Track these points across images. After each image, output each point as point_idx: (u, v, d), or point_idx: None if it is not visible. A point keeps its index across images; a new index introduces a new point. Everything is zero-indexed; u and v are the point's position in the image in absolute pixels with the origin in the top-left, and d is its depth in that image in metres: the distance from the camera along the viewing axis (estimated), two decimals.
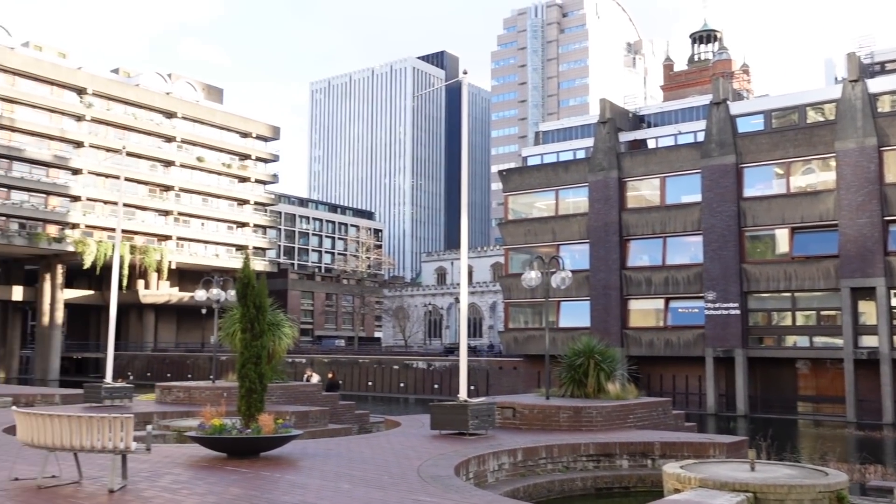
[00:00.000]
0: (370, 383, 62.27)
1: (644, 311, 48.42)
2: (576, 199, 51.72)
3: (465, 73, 15.78)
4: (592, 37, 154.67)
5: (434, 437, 14.08)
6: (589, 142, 52.64)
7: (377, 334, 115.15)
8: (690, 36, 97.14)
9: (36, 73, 77.06)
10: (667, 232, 47.42)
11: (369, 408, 29.16)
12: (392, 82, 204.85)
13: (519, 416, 15.66)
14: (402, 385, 60.65)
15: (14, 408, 10.22)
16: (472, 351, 64.89)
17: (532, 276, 18.83)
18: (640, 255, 48.74)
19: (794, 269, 42.63)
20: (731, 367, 44.12)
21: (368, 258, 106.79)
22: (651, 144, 51.51)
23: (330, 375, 39.24)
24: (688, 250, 46.96)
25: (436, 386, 58.00)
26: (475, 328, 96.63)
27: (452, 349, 69.65)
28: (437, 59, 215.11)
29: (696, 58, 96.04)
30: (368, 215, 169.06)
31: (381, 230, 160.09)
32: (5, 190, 74.91)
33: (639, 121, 54.61)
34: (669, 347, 46.39)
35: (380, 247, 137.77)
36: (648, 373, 45.06)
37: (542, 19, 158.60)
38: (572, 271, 21.33)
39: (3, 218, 74.78)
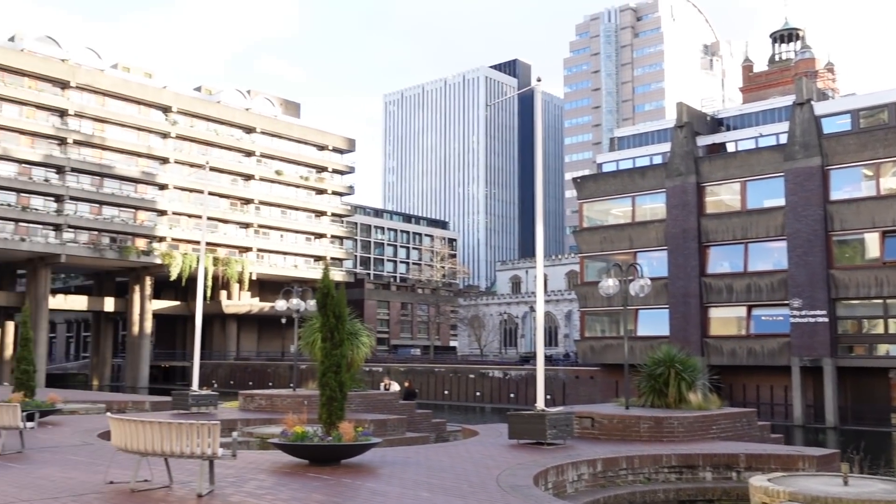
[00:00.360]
0: (446, 392, 62.43)
1: (725, 319, 47.13)
2: (653, 206, 50.81)
3: (538, 80, 15.71)
4: (668, 40, 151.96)
5: (512, 446, 14.02)
6: (665, 147, 51.66)
7: (452, 343, 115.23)
8: (771, 35, 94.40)
9: (124, 93, 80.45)
10: (748, 238, 46.09)
11: (446, 417, 29.23)
12: (465, 92, 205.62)
13: (598, 425, 15.45)
14: (478, 394, 60.59)
15: (108, 414, 10.67)
16: (548, 360, 64.34)
17: (609, 284, 18.57)
18: (721, 261, 47.51)
19: (885, 274, 40.81)
20: (819, 376, 42.47)
21: (443, 267, 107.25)
22: (731, 148, 50.21)
23: (406, 384, 39.53)
24: (771, 256, 45.52)
25: (512, 395, 57.72)
26: (551, 337, 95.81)
27: (528, 358, 69.21)
28: (510, 67, 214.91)
29: (776, 58, 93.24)
30: (442, 225, 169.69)
31: (455, 239, 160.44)
32: (97, 205, 78.33)
33: (717, 124, 53.33)
34: (753, 356, 45.01)
35: (454, 256, 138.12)
36: (731, 383, 43.81)
37: (616, 24, 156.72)
38: (650, 279, 20.96)
39: (96, 232, 78.16)
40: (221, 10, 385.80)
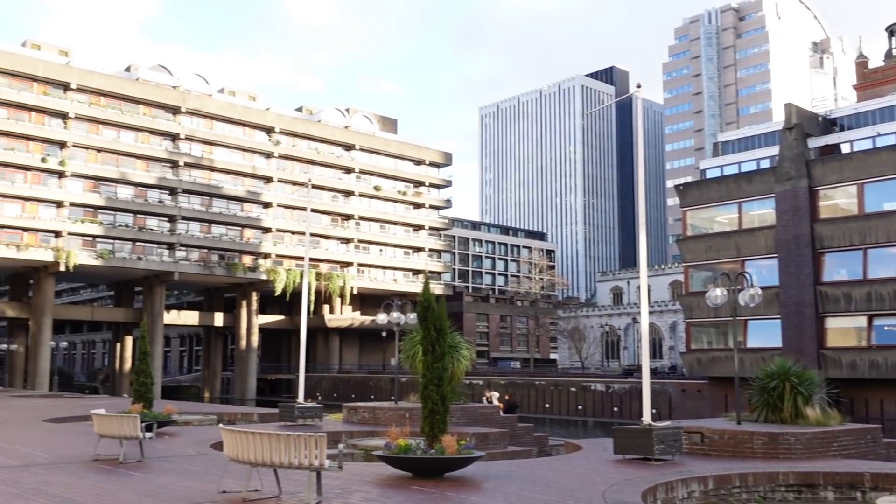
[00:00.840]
0: (547, 405, 61.79)
1: (844, 329, 44.78)
2: (761, 212, 48.92)
3: (638, 86, 15.42)
4: (773, 39, 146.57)
5: (617, 461, 13.71)
6: (773, 150, 49.71)
7: (553, 356, 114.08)
8: (887, 29, 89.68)
9: (230, 116, 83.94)
10: (867, 243, 43.72)
11: (548, 430, 28.90)
12: (560, 102, 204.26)
13: (707, 441, 14.91)
14: (580, 407, 59.69)
15: (221, 426, 11.06)
16: (653, 373, 62.76)
17: (717, 294, 17.95)
18: (837, 269, 45.22)
19: None
20: None
21: (542, 279, 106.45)
22: (845, 149, 47.86)
23: (507, 397, 39.32)
24: (893, 263, 43.02)
25: (615, 409, 56.58)
26: (655, 349, 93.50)
27: (631, 371, 67.73)
28: (606, 75, 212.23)
29: (894, 52, 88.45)
30: (540, 236, 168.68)
31: (553, 251, 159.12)
32: (207, 224, 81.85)
33: (830, 124, 50.95)
34: (875, 369, 42.56)
35: (553, 267, 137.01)
36: (851, 397, 41.53)
37: (717, 25, 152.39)
38: (760, 288, 20.15)
39: (206, 250, 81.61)
40: (321, 33, 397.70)
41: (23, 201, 70.57)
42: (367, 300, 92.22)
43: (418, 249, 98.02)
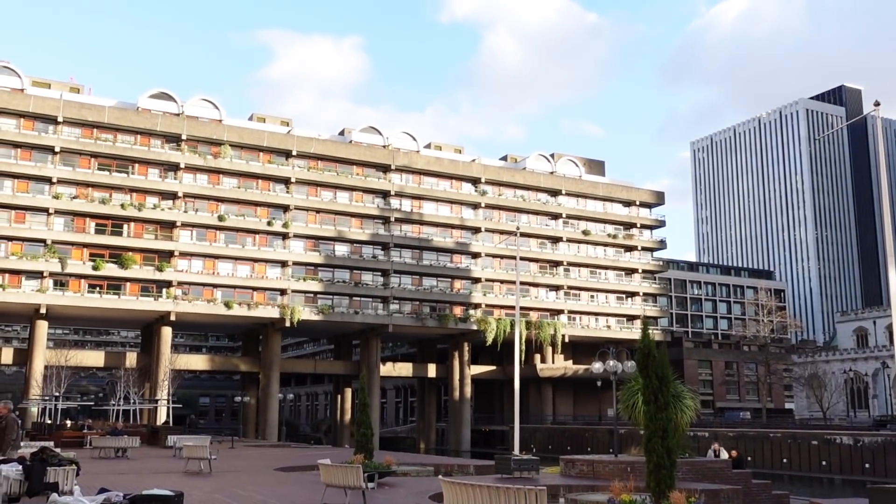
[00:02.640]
0: (784, 461, 57.24)
1: None
2: None
3: (876, 104, 14.21)
4: None
5: None
6: None
7: (787, 405, 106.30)
8: None
9: (437, 170, 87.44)
10: None
11: (786, 488, 26.73)
12: (782, 129, 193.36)
13: None
14: (823, 463, 54.71)
15: (440, 477, 11.29)
16: None
17: None
18: None
19: None
20: None
21: (771, 321, 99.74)
22: None
23: (733, 453, 36.94)
24: None
25: (867, 465, 51.26)
26: None
27: (885, 422, 61.33)
28: (834, 95, 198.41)
29: None
30: (766, 275, 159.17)
31: (782, 290, 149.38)
32: (418, 277, 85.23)
33: None
34: None
35: (783, 308, 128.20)
36: None
37: None
38: None
39: (417, 302, 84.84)
40: (521, 82, 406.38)
41: (252, 262, 77.38)
42: (579, 348, 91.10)
43: (632, 294, 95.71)
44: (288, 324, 75.90)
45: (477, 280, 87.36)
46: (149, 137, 74.82)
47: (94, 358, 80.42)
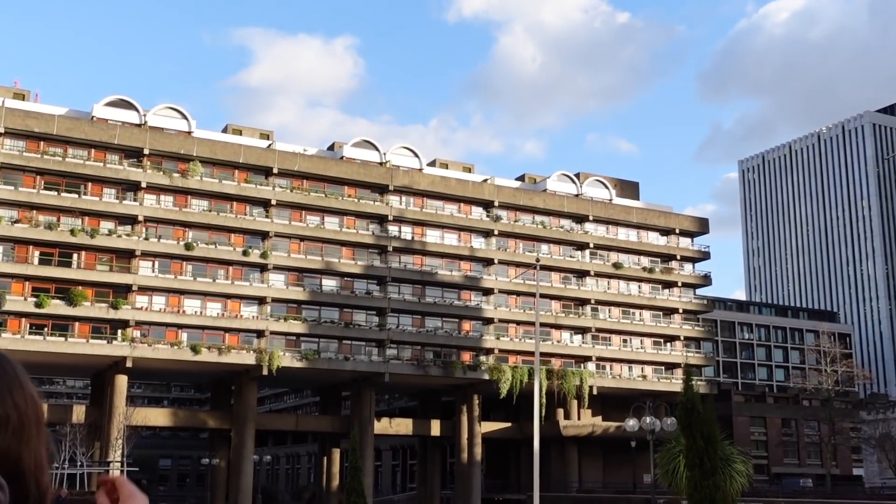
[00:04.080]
0: None
1: None
2: None
3: None
4: None
5: None
6: None
7: (856, 471, 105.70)
8: None
9: (443, 191, 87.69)
10: None
11: None
12: (845, 146, 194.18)
13: None
14: None
15: None
16: None
17: None
18: None
19: None
20: None
21: (835, 371, 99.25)
22: None
23: None
24: None
25: None
26: None
27: None
28: None
29: None
30: (829, 316, 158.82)
31: (847, 334, 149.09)
32: (419, 317, 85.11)
33: None
34: None
35: (849, 356, 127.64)
36: None
37: None
38: None
39: (419, 347, 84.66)
40: (540, 91, 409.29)
41: (224, 299, 77.43)
42: (609, 402, 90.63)
43: (671, 338, 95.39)
44: (266, 372, 75.72)
45: (489, 321, 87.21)
46: (105, 152, 75.27)
47: None
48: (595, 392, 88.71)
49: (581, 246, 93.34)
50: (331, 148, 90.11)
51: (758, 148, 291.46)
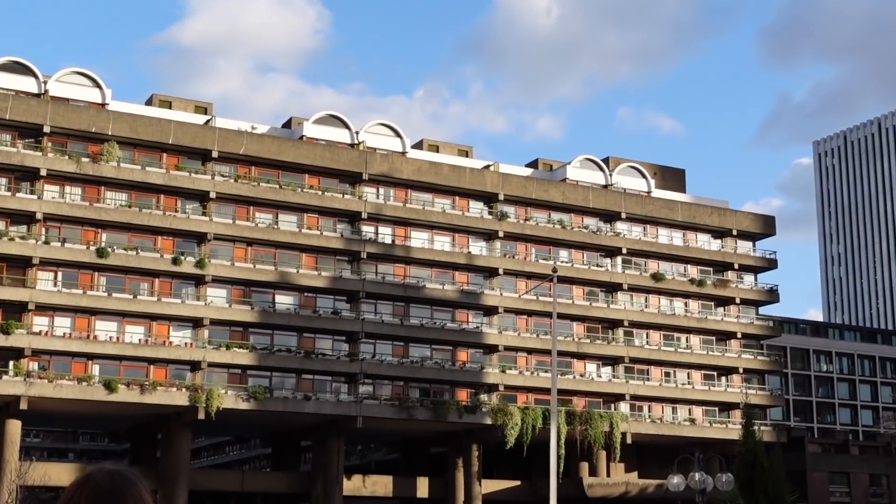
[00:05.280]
0: None
1: None
2: None
3: None
4: None
5: None
6: None
7: None
8: None
9: (432, 181, 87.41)
10: None
11: None
12: None
13: None
14: None
15: None
16: None
17: None
18: None
19: None
20: None
21: None
22: None
23: None
24: None
25: None
26: None
27: None
28: None
29: None
30: None
31: None
32: (401, 343, 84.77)
33: None
34: None
35: None
36: None
37: None
38: None
39: (401, 382, 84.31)
40: (557, 52, 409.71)
41: (149, 321, 77.14)
42: (648, 453, 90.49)
43: (727, 371, 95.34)
44: (202, 415, 75.41)
45: (492, 348, 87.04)
46: None
47: None
48: (629, 441, 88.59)
49: (611, 252, 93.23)
50: (287, 125, 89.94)
51: (837, 126, 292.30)
